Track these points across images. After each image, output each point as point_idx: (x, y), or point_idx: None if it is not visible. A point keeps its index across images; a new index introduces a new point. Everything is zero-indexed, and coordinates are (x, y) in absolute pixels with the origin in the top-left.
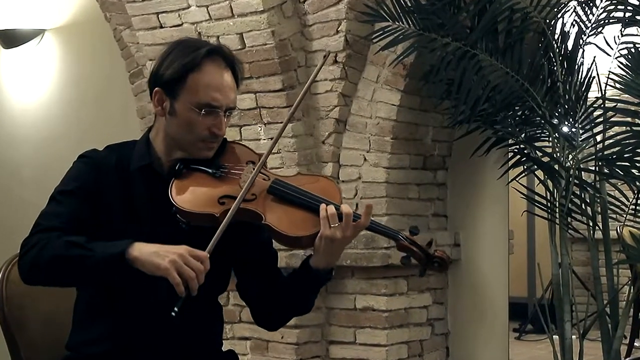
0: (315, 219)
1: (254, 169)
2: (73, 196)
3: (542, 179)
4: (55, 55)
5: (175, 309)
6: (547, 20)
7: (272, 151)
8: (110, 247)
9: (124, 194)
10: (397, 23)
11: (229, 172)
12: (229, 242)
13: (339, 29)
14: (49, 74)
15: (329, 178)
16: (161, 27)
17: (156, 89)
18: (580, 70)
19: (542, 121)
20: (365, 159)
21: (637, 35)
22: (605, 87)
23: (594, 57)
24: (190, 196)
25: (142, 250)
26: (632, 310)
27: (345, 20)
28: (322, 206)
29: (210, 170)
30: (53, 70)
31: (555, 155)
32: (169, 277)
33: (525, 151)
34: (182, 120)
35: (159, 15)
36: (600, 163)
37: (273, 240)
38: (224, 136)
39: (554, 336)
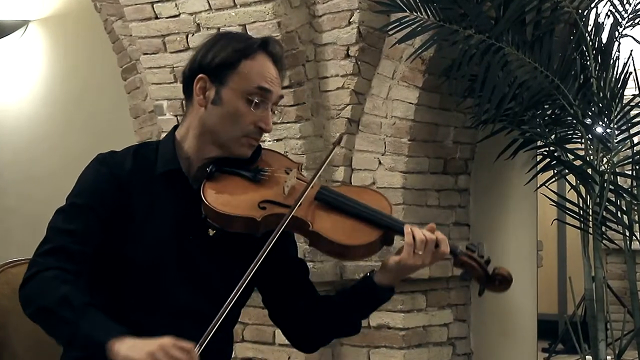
0: (366, 229)
1: (298, 174)
2: (86, 211)
3: (574, 184)
4: (40, 48)
5: None
6: (580, 11)
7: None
8: (98, 330)
9: (146, 201)
10: (414, 13)
11: (271, 176)
12: (253, 256)
13: (351, 20)
14: (33, 69)
15: (375, 190)
16: (156, 17)
17: (200, 75)
18: (616, 65)
19: (574, 121)
20: (380, 163)
21: None
22: None
23: (631, 50)
24: (226, 198)
25: (123, 345)
26: None
27: (358, 11)
28: (408, 229)
29: (247, 174)
30: (38, 65)
31: (588, 159)
32: None
33: (556, 154)
34: (227, 109)
35: (154, 5)
36: (637, 167)
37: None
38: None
39: (587, 357)
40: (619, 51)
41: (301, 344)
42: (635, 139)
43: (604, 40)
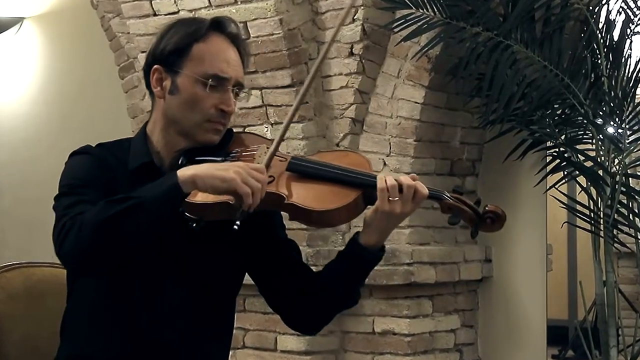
0: (343, 190)
1: (268, 148)
2: (86, 187)
3: (585, 186)
4: (35, 46)
5: (238, 222)
6: (590, 7)
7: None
8: (156, 185)
9: None
10: (420, 10)
11: (240, 155)
12: (239, 243)
13: (355, 17)
14: (28, 67)
15: (355, 151)
16: (155, 14)
17: (155, 66)
18: (628, 63)
19: (585, 121)
20: (385, 164)
21: None
22: None
23: None
24: None
25: (197, 169)
26: None
27: (362, 7)
28: (381, 177)
29: (218, 159)
30: (33, 63)
31: (599, 160)
32: (237, 187)
33: (566, 155)
34: (185, 96)
35: (152, 2)
36: None
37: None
38: (230, 127)
39: None
40: (630, 49)
41: (302, 325)
42: None
43: (616, 38)
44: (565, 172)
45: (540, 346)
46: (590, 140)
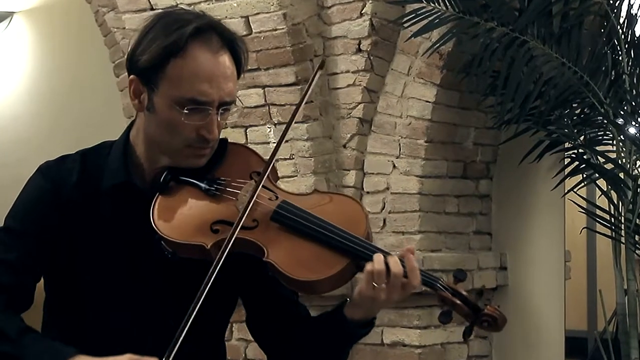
0: (330, 256)
1: (256, 184)
2: (24, 237)
3: (605, 189)
4: (25, 42)
5: None
6: (611, 1)
7: (283, 156)
8: (43, 353)
9: (92, 221)
10: (432, 4)
11: (226, 188)
12: (231, 269)
13: (363, 11)
14: (18, 64)
15: (353, 199)
16: (152, 9)
17: (131, 77)
18: None
19: (605, 121)
20: (394, 166)
21: None
22: None
23: None
24: (177, 220)
25: None
26: None
27: (370, 1)
28: (378, 257)
29: (202, 186)
30: (23, 60)
31: (620, 162)
32: None
33: (585, 156)
34: (162, 118)
35: None
36: None
37: None
38: (221, 138)
39: None
40: None
41: None
42: None
43: (637, 33)
44: (585, 175)
45: (558, 358)
46: (610, 141)
